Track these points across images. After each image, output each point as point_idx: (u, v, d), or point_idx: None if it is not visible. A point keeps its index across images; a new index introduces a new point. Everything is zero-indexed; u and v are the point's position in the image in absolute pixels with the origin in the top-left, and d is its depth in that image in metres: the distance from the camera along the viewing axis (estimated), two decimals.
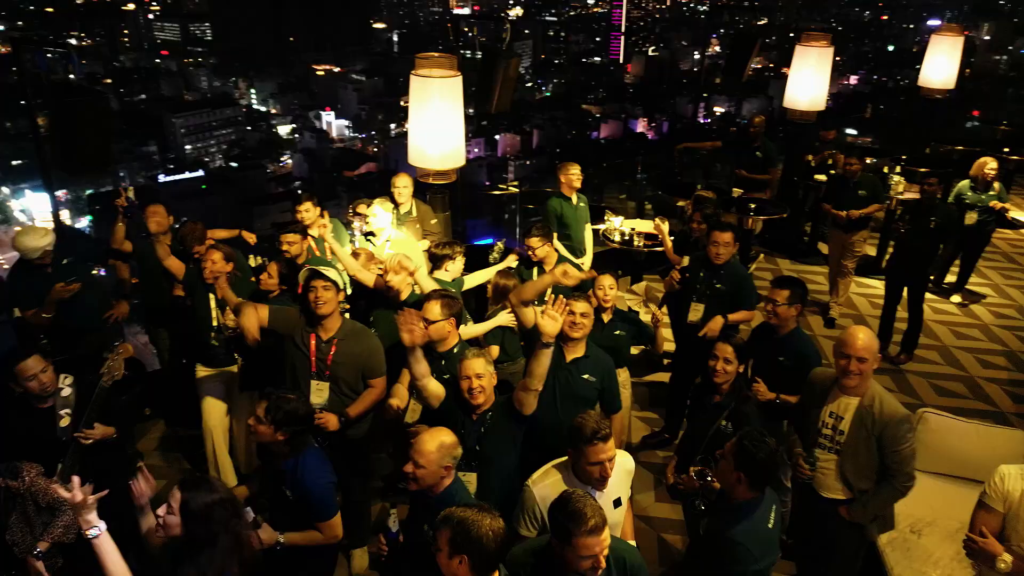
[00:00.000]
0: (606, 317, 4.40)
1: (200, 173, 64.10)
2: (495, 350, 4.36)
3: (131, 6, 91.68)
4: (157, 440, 5.32)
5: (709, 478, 3.19)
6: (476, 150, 66.14)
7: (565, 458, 2.93)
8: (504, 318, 4.31)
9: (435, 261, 4.64)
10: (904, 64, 76.45)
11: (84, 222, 50.95)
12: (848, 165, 6.90)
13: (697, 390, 3.76)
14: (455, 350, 3.69)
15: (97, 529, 2.40)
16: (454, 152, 5.48)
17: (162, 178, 61.95)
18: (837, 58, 7.87)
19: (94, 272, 4.92)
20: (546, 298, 4.23)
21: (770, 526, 2.80)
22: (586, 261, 5.96)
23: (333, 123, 77.66)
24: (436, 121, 5.35)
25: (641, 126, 77.04)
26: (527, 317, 3.44)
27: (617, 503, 2.94)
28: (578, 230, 5.95)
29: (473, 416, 3.22)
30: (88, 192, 52.05)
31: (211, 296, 4.37)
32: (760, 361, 4.05)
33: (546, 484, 2.88)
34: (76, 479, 2.43)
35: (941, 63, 9.37)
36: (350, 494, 4.09)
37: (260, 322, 3.75)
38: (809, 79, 7.81)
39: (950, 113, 11.51)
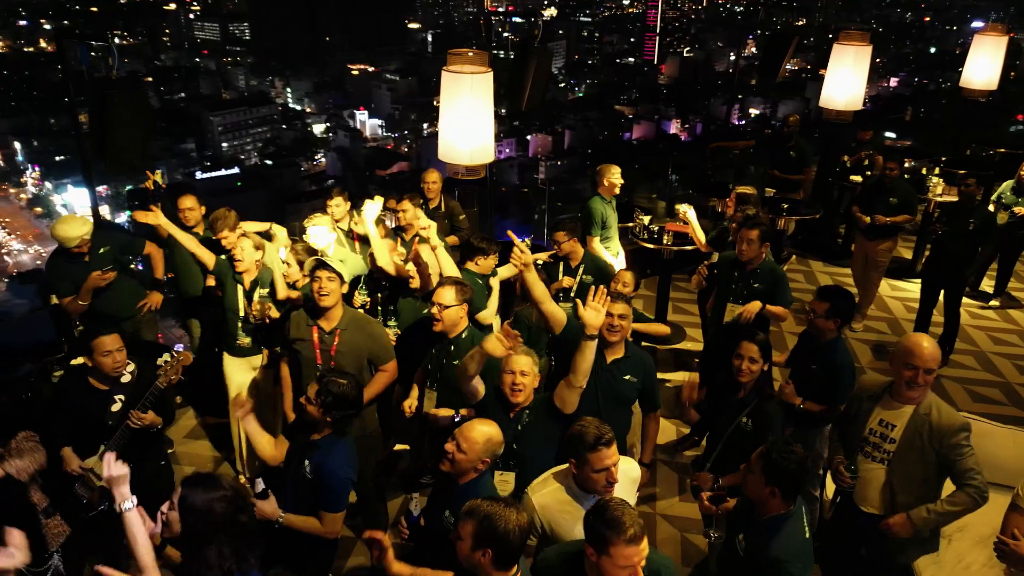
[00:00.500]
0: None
1: (236, 171, 65.14)
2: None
3: (172, 6, 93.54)
4: (187, 428, 5.42)
5: (721, 493, 3.15)
6: (507, 150, 66.23)
7: (565, 466, 2.85)
8: (505, 272, 4.25)
9: (468, 253, 4.63)
10: (946, 67, 74.76)
11: (123, 217, 52.08)
12: (888, 169, 6.58)
13: (719, 388, 3.71)
14: (464, 335, 3.73)
15: (131, 503, 2.51)
16: (484, 148, 5.50)
17: (199, 175, 63.10)
18: (876, 60, 7.71)
19: (130, 263, 4.99)
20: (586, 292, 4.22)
21: (807, 536, 2.74)
22: (620, 262, 5.96)
23: (367, 122, 78.37)
24: (467, 117, 5.37)
25: (674, 127, 76.40)
26: (556, 317, 3.45)
27: None
28: (615, 231, 5.97)
29: (511, 414, 3.21)
30: (128, 188, 53.26)
31: (239, 287, 4.44)
32: (796, 366, 4.00)
33: (545, 492, 2.83)
34: (110, 455, 2.53)
35: (984, 64, 9.12)
36: (364, 485, 4.13)
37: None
38: (846, 78, 7.65)
39: (993, 116, 11.23)
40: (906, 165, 8.35)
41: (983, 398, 5.82)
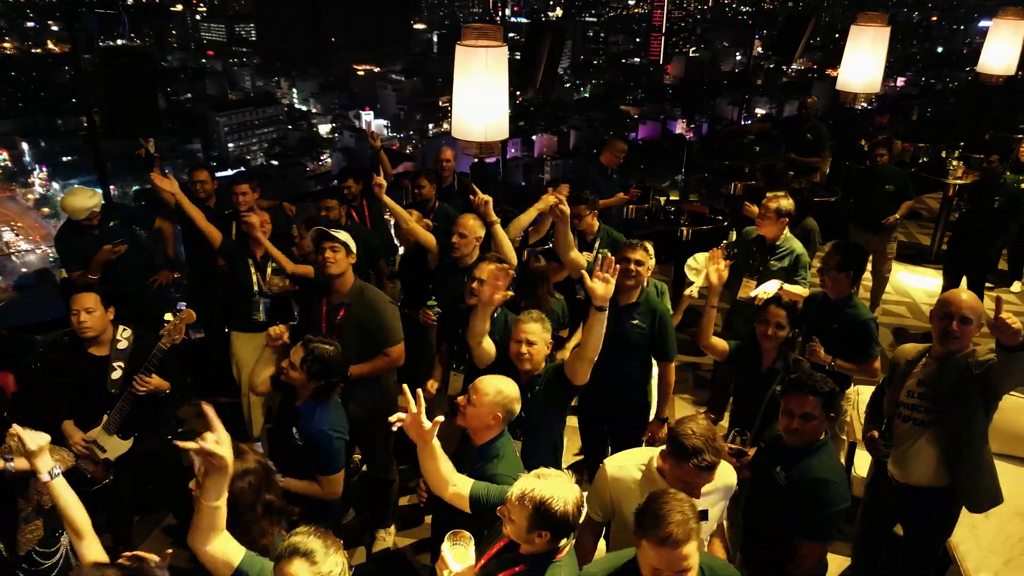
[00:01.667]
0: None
1: (242, 170, 65.36)
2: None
3: (179, 7, 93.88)
4: (197, 407, 5.33)
5: (745, 449, 3.05)
6: (513, 150, 66.25)
7: (655, 450, 2.68)
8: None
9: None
10: (953, 66, 74.52)
11: None
12: (879, 156, 6.19)
13: (740, 360, 3.59)
14: (495, 314, 3.60)
15: (57, 469, 2.35)
16: (498, 125, 5.41)
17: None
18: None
19: (138, 235, 4.92)
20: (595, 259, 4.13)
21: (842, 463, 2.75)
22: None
23: (372, 122, 78.49)
24: (481, 92, 5.27)
25: (680, 127, 76.32)
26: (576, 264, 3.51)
27: (703, 516, 2.54)
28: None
29: (520, 381, 3.10)
30: (135, 188, 53.50)
31: (250, 261, 4.36)
32: (813, 330, 3.89)
33: (623, 467, 2.68)
34: (16, 427, 2.34)
35: (1001, 48, 8.99)
36: (374, 470, 4.03)
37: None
38: (864, 61, 7.56)
39: (1014, 102, 11.09)
40: (920, 146, 8.26)
41: None
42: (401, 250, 5.13)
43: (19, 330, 4.54)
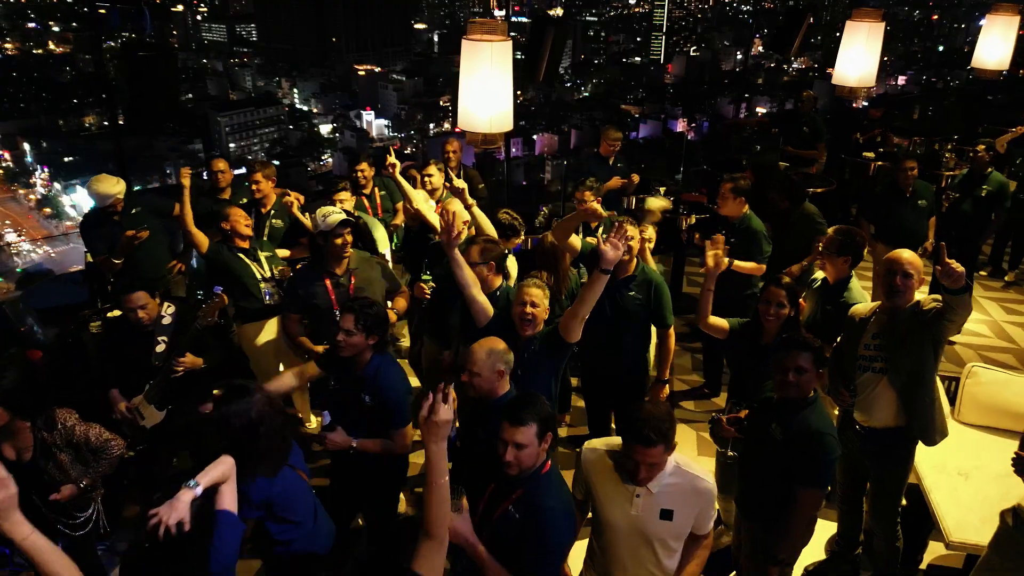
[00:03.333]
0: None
1: (243, 170, 65.35)
2: None
3: (180, 7, 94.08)
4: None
5: (740, 415, 3.25)
6: (514, 150, 66.36)
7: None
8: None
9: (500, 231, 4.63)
10: (954, 64, 74.53)
11: None
12: (908, 170, 5.66)
13: (742, 336, 3.76)
14: (498, 293, 3.78)
15: (28, 530, 1.99)
16: (503, 116, 5.58)
17: (207, 175, 63.28)
18: (884, 59, 7.72)
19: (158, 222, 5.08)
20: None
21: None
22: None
23: (373, 122, 78.69)
24: (486, 85, 5.45)
25: (681, 126, 76.45)
26: (572, 246, 3.72)
27: (666, 515, 2.62)
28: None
29: (519, 342, 3.26)
30: (136, 188, 53.60)
31: (241, 256, 4.44)
32: (812, 311, 4.08)
33: (597, 450, 2.76)
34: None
35: (996, 44, 9.16)
36: None
37: None
38: (859, 55, 7.73)
39: (1013, 96, 11.24)
40: (917, 140, 8.43)
41: (996, 363, 5.85)
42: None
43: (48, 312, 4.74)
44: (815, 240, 4.85)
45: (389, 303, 4.11)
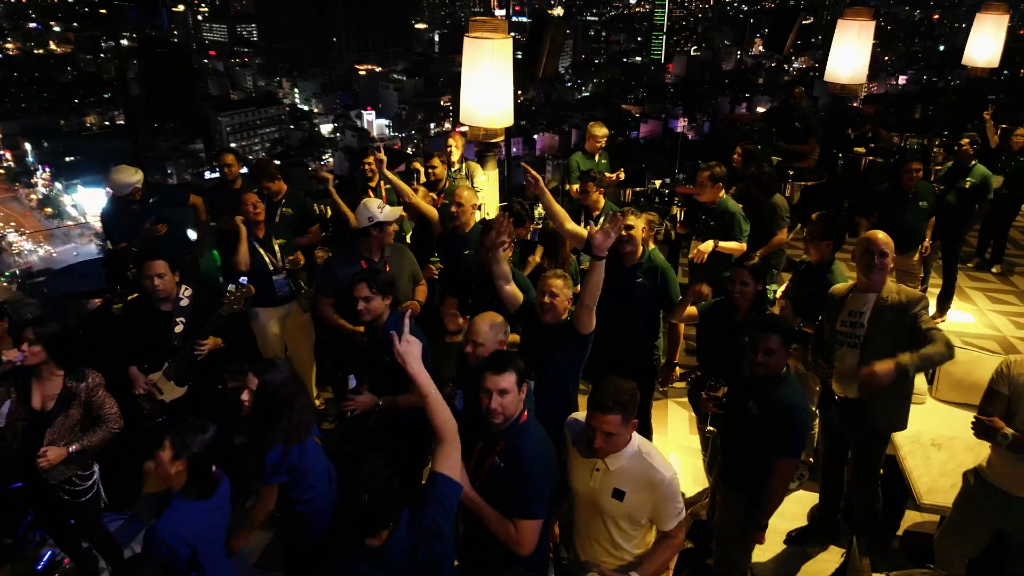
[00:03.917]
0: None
1: (244, 170, 65.52)
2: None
3: (180, 7, 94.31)
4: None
5: (718, 394, 3.46)
6: (515, 149, 66.55)
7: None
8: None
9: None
10: (954, 64, 74.59)
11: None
12: (913, 171, 5.60)
13: (715, 315, 3.97)
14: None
15: None
16: (504, 111, 5.79)
17: (207, 175, 63.59)
18: (886, 58, 7.92)
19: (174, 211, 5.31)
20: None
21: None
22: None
23: (374, 122, 78.83)
24: (488, 81, 5.66)
25: (681, 126, 76.63)
26: (577, 234, 3.86)
27: (618, 494, 2.72)
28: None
29: (539, 327, 3.43)
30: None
31: (255, 244, 4.64)
32: (796, 292, 4.30)
33: (576, 420, 2.91)
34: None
35: (985, 42, 9.38)
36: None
37: None
38: (850, 53, 7.93)
39: (1013, 96, 11.43)
40: (911, 139, 8.64)
41: (980, 348, 6.08)
42: None
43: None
44: (775, 230, 5.29)
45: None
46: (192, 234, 5.63)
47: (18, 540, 3.83)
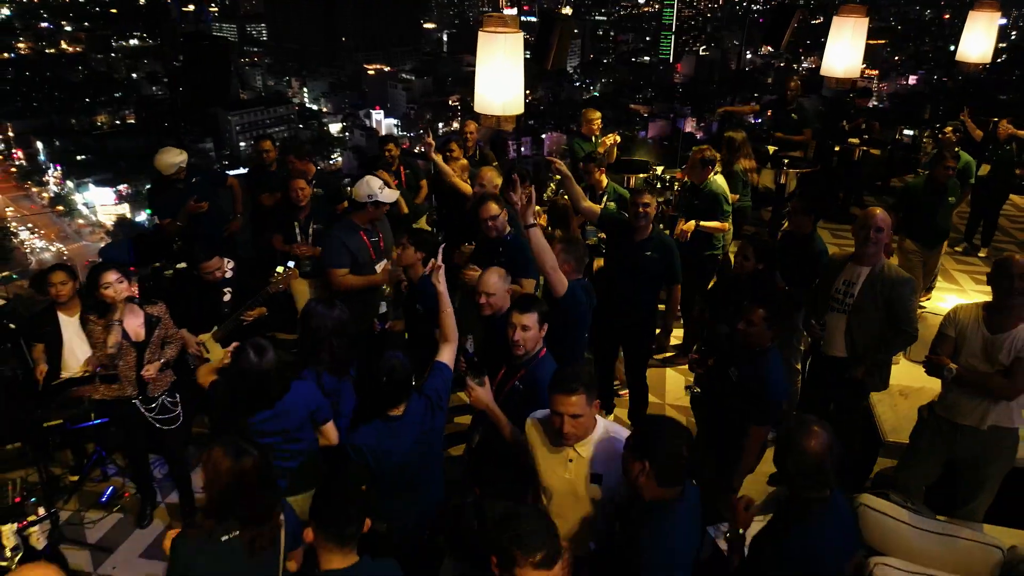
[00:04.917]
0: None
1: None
2: None
3: (191, 7, 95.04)
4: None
5: (706, 360, 3.87)
6: (523, 149, 66.89)
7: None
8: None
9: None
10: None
11: (143, 216, 53.09)
12: (948, 168, 5.80)
13: (717, 292, 4.42)
14: None
15: None
16: (515, 100, 6.22)
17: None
18: (896, 58, 8.27)
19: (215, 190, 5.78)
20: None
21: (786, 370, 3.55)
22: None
23: (383, 122, 79.27)
24: (500, 73, 6.08)
25: (689, 126, 76.79)
26: (591, 211, 4.51)
27: (596, 479, 2.73)
28: None
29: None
30: (148, 187, 54.32)
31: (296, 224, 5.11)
32: (785, 263, 4.72)
33: (536, 420, 2.87)
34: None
35: (978, 38, 9.72)
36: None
37: None
38: (845, 48, 8.31)
39: (1020, 94, 11.77)
40: (907, 131, 9.01)
41: None
42: None
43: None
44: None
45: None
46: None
47: (83, 477, 4.29)
